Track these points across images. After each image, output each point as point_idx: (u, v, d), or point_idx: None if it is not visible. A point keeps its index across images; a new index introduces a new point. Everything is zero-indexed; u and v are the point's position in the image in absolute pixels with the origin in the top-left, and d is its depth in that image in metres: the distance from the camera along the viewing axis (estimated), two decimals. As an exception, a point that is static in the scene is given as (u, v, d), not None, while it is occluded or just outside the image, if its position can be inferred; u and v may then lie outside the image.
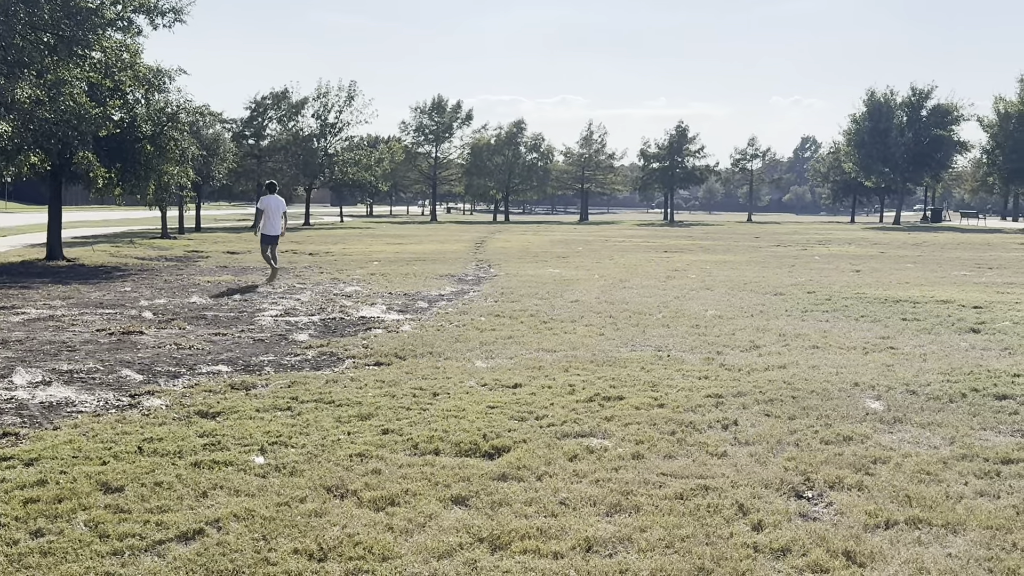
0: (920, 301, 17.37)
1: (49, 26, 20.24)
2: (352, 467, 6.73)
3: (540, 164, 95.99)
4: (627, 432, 7.73)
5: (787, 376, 10.14)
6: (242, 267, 25.56)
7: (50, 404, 8.70)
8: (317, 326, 14.16)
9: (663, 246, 39.58)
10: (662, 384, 9.71)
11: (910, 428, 7.96)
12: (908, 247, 39.80)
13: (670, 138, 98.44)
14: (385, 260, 28.68)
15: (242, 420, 8.03)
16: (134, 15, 24.15)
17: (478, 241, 42.74)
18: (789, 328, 13.97)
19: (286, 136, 64.82)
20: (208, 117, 46.35)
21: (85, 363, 10.73)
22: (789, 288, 20.14)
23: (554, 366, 10.75)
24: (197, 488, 6.22)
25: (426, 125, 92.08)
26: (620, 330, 13.72)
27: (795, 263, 28.77)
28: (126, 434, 7.54)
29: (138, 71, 25.13)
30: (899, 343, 12.58)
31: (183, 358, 11.23)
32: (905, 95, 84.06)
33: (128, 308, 15.98)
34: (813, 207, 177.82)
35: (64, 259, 26.49)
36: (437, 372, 10.35)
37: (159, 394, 9.14)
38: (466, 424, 7.92)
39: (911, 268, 26.92)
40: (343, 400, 8.83)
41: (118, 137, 25.70)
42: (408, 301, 17.54)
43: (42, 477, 6.38)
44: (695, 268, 26.23)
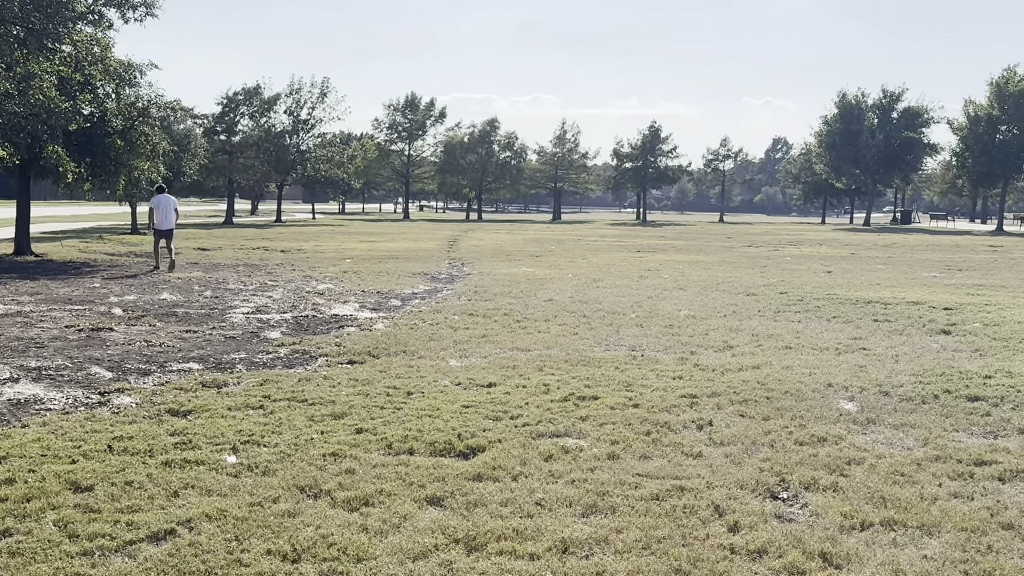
0: (891, 302, 17.47)
1: (19, 19, 20.01)
2: (326, 467, 6.67)
3: (513, 163, 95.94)
4: (602, 432, 7.71)
5: (761, 377, 10.16)
6: (213, 263, 25.36)
7: (18, 401, 8.58)
8: (289, 324, 14.07)
9: (636, 246, 39.66)
10: (636, 384, 9.70)
11: (884, 429, 7.99)
12: (878, 248, 40.08)
13: (643, 138, 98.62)
14: (358, 258, 28.55)
15: (214, 419, 7.94)
16: (105, 8, 23.93)
17: (451, 239, 42.66)
18: (762, 328, 14.01)
19: (258, 132, 64.36)
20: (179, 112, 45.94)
21: (54, 360, 10.60)
22: (761, 288, 20.21)
23: (528, 365, 10.72)
24: (168, 488, 6.14)
25: (399, 122, 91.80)
26: (594, 329, 13.71)
27: (767, 263, 28.90)
28: (96, 432, 7.44)
29: (109, 65, 24.90)
30: (871, 344, 12.64)
31: (153, 355, 11.11)
32: (876, 97, 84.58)
33: (97, 304, 15.81)
34: (784, 208, 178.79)
35: (32, 254, 26.19)
36: (411, 371, 10.29)
37: (129, 392, 9.03)
38: (440, 424, 7.87)
39: (882, 269, 27.09)
40: (316, 399, 8.76)
41: (88, 131, 25.45)
42: (381, 299, 17.46)
43: (10, 476, 6.28)
44: (668, 268, 26.29)
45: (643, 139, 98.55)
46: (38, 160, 25.49)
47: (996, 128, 71.57)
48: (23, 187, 27.34)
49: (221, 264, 25.29)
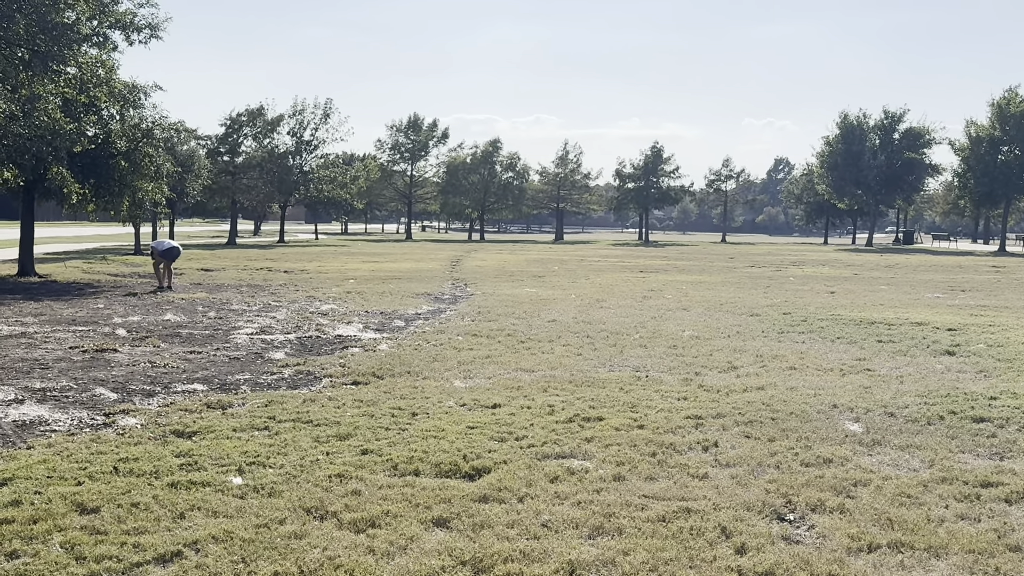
0: (895, 323, 17.47)
1: (24, 41, 20.11)
2: (332, 488, 6.66)
3: (516, 183, 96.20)
4: (608, 453, 7.70)
5: (766, 397, 10.15)
6: (216, 284, 25.39)
7: (23, 423, 8.59)
8: (293, 344, 14.08)
9: (639, 266, 39.67)
10: (641, 405, 9.70)
11: (889, 451, 7.98)
12: (881, 269, 40.07)
13: (645, 158, 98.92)
14: (361, 278, 28.57)
15: (219, 440, 7.94)
16: (110, 31, 24.08)
17: (454, 260, 42.69)
18: (766, 349, 14.01)
19: (261, 153, 64.49)
20: (183, 133, 46.15)
21: (58, 381, 10.60)
22: (765, 309, 20.21)
23: (533, 386, 10.72)
24: (174, 509, 6.14)
25: (402, 143, 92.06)
26: (598, 350, 13.71)
27: (770, 284, 28.90)
28: (101, 454, 7.44)
29: (113, 87, 25.01)
30: (875, 365, 12.63)
31: (158, 376, 11.12)
32: (878, 118, 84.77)
33: (101, 325, 15.83)
34: (786, 228, 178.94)
35: (36, 275, 26.23)
36: (416, 392, 10.29)
37: (134, 413, 9.04)
38: (446, 445, 7.87)
39: (885, 290, 27.09)
40: (321, 420, 8.77)
41: (92, 153, 25.56)
42: (385, 320, 17.47)
43: (16, 498, 6.28)
44: (671, 288, 26.29)
45: (645, 159, 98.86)
46: (42, 181, 25.58)
47: (998, 149, 71.75)
48: (27, 208, 27.42)
49: (225, 285, 25.31)
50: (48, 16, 20.14)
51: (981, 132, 72.19)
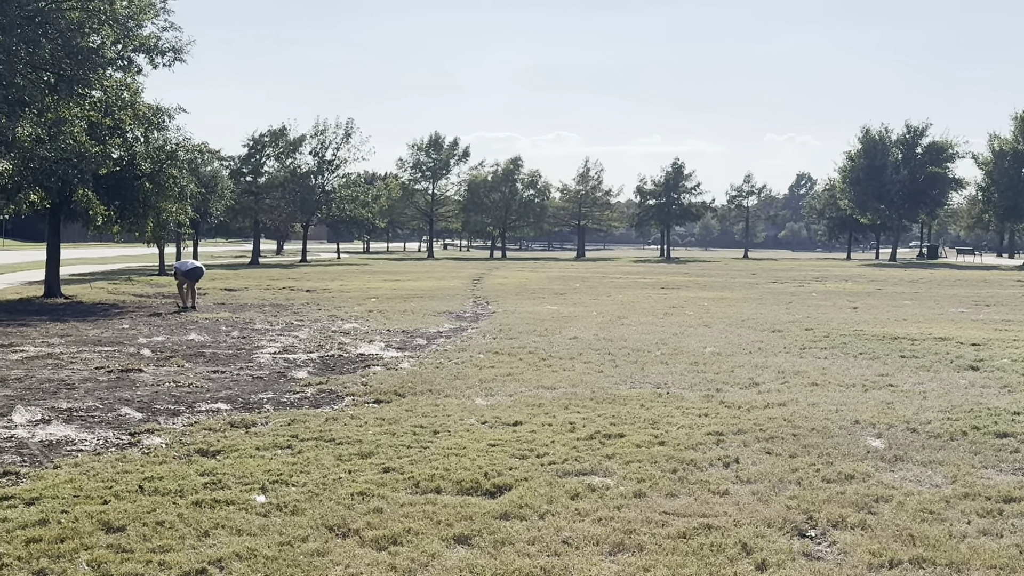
0: (918, 338, 17.39)
1: (50, 65, 20.37)
2: (354, 506, 6.71)
3: (537, 201, 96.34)
4: (629, 470, 7.72)
5: (787, 414, 10.14)
6: (240, 304, 25.56)
7: (50, 443, 8.68)
8: (316, 363, 14.16)
9: (660, 282, 39.64)
10: (662, 422, 9.71)
11: (912, 466, 7.96)
12: (905, 284, 39.88)
13: (666, 175, 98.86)
14: (383, 297, 28.69)
15: (242, 458, 8.01)
16: (134, 54, 24.36)
17: (475, 278, 42.77)
18: (788, 365, 13.98)
19: (284, 173, 64.94)
20: (206, 155, 46.50)
21: (84, 401, 10.72)
22: (787, 325, 20.17)
23: (554, 403, 10.75)
24: (199, 527, 6.21)
25: (423, 162, 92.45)
26: (619, 367, 13.72)
27: (792, 300, 28.82)
28: (127, 473, 7.52)
29: (138, 110, 25.29)
30: (898, 381, 12.59)
31: (182, 396, 11.22)
32: (900, 133, 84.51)
33: (127, 346, 15.97)
34: (809, 243, 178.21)
35: (62, 296, 26.48)
36: (437, 410, 10.34)
37: (159, 432, 9.13)
38: (467, 462, 7.91)
39: (908, 305, 26.97)
40: (343, 438, 8.82)
41: (117, 175, 25.81)
42: (407, 338, 17.55)
43: (43, 517, 6.36)
44: (693, 305, 26.27)
45: (666, 176, 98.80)
46: (68, 203, 25.85)
47: (1022, 162, 71.30)
48: (53, 230, 27.71)
49: (248, 304, 25.48)
50: (73, 40, 20.40)
51: (1005, 146, 71.82)
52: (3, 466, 7.75)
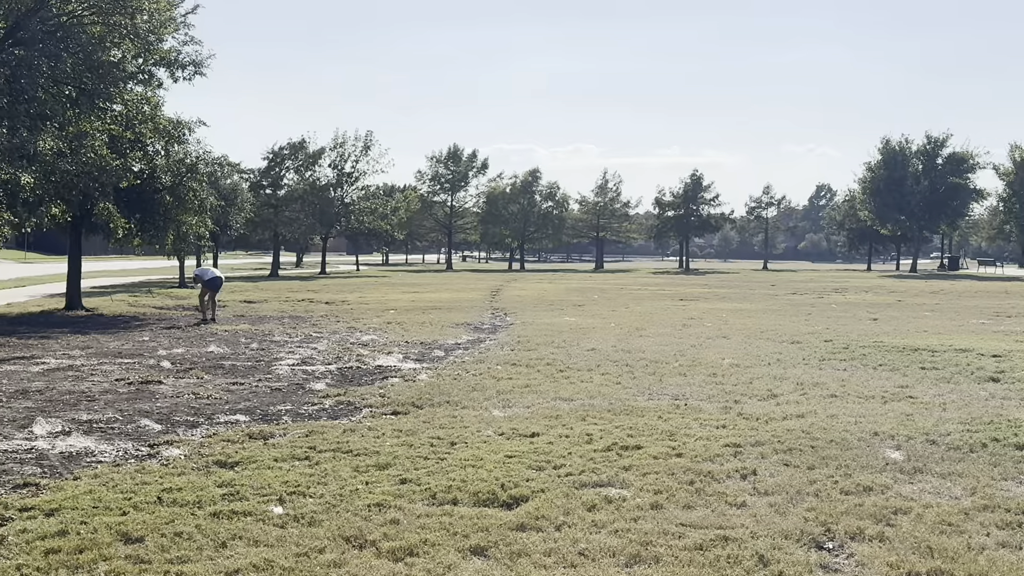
0: (939, 350, 17.29)
1: (71, 79, 20.57)
2: (370, 517, 6.73)
3: (555, 212, 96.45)
4: (645, 482, 7.71)
5: (805, 425, 10.11)
6: (259, 316, 25.67)
7: (70, 454, 8.75)
8: (334, 375, 14.21)
9: (679, 294, 39.57)
10: (680, 433, 9.69)
11: (930, 478, 7.92)
12: (925, 295, 39.67)
13: (685, 186, 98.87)
14: (401, 309, 28.75)
15: (260, 470, 8.05)
16: (155, 68, 24.57)
17: (494, 289, 42.80)
18: (807, 377, 13.93)
19: (303, 186, 65.19)
20: (226, 167, 46.82)
21: (104, 413, 10.79)
22: (806, 336, 20.10)
23: (571, 415, 10.75)
24: (217, 538, 6.24)
25: (442, 174, 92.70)
26: (637, 379, 13.71)
27: (812, 311, 28.72)
28: (145, 484, 7.56)
29: (158, 123, 25.50)
30: (918, 392, 12.53)
31: (201, 408, 11.28)
32: (920, 143, 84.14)
33: (146, 358, 16.07)
34: (829, 255, 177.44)
35: (83, 309, 26.66)
36: (454, 421, 10.36)
37: (178, 444, 9.18)
38: (484, 473, 7.91)
39: (929, 316, 26.83)
40: (361, 449, 8.85)
41: (138, 188, 26.02)
42: (425, 350, 17.58)
43: (63, 527, 6.41)
44: (711, 316, 26.21)
45: (685, 187, 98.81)
46: (89, 216, 26.06)
47: (1043, 173, 70.86)
48: (75, 243, 27.93)
49: (267, 316, 25.58)
50: (95, 55, 20.59)
51: (1026, 156, 71.43)
52: (24, 477, 7.81)
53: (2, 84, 16.97)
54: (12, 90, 17.56)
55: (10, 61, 17.68)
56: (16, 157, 17.82)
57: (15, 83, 17.64)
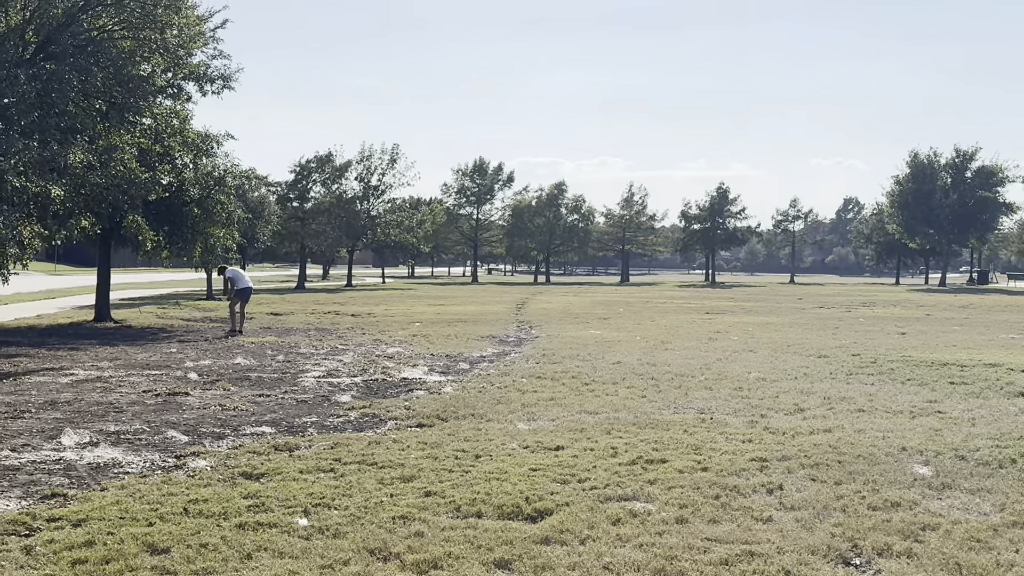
0: (968, 364, 17.15)
1: (101, 93, 20.77)
2: (395, 529, 6.74)
3: (581, 225, 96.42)
4: (671, 496, 7.68)
5: (833, 440, 10.04)
6: (285, 328, 25.77)
7: (98, 465, 8.81)
8: (359, 387, 14.24)
9: (705, 307, 39.43)
10: (705, 447, 9.65)
11: (959, 494, 7.84)
12: (954, 309, 39.34)
13: (711, 199, 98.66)
14: (427, 321, 28.79)
15: (286, 481, 8.07)
16: (184, 82, 24.77)
17: (519, 302, 42.80)
18: (834, 391, 13.84)
19: (330, 198, 65.48)
20: (254, 180, 47.05)
21: (132, 424, 10.86)
22: (833, 350, 19.98)
23: (596, 428, 10.72)
24: (242, 550, 6.26)
25: (468, 187, 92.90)
26: (662, 392, 13.66)
27: (839, 325, 28.54)
28: (172, 495, 7.60)
29: (187, 136, 25.71)
30: (947, 407, 12.42)
31: (228, 419, 11.33)
32: (949, 156, 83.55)
33: (174, 369, 16.17)
34: (857, 268, 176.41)
35: (112, 321, 26.86)
36: (479, 434, 10.35)
37: (204, 455, 9.22)
38: (508, 487, 7.91)
39: (958, 331, 26.60)
40: (386, 462, 8.86)
41: (166, 201, 26.23)
42: (450, 362, 17.60)
43: (90, 538, 6.45)
44: (737, 330, 26.10)
45: (711, 200, 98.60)
46: (118, 229, 26.28)
47: (1074, 186, 70.22)
48: (104, 255, 28.16)
49: (293, 328, 25.69)
50: (125, 69, 20.78)
51: (1056, 169, 70.78)
52: (52, 487, 7.87)
53: (33, 98, 17.17)
54: (43, 104, 17.76)
55: (41, 75, 17.88)
56: (47, 170, 18.00)
57: (46, 97, 17.83)
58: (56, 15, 19.51)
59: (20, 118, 17.22)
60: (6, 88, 17.06)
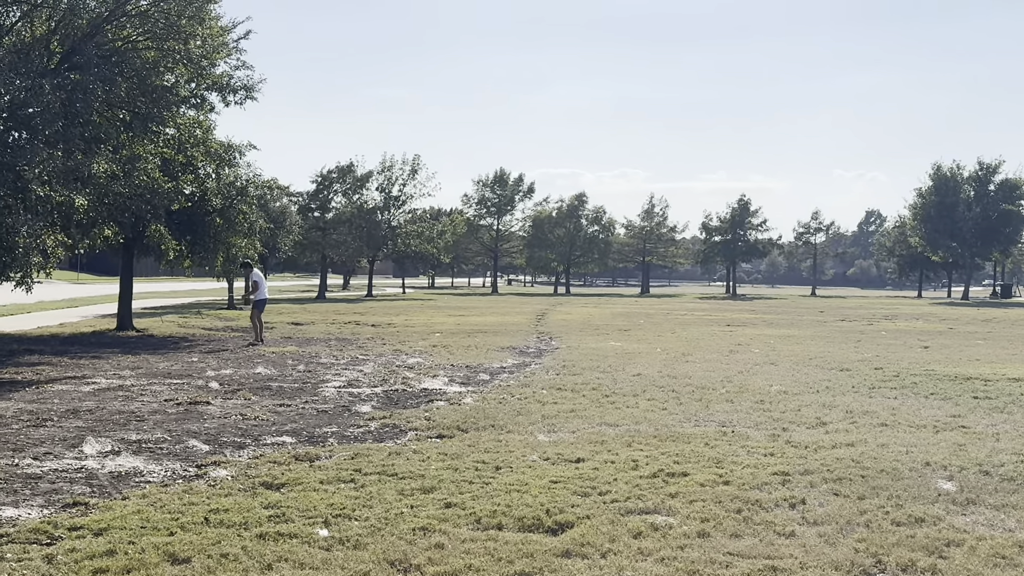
0: (992, 379, 17.00)
1: (125, 103, 20.89)
2: (415, 541, 6.72)
3: (601, 237, 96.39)
4: (692, 509, 7.63)
5: (855, 454, 9.96)
6: (306, 338, 25.83)
7: (119, 474, 8.83)
8: (380, 398, 14.25)
9: (726, 319, 39.28)
10: (727, 461, 9.59)
11: (984, 510, 7.76)
12: (978, 323, 39.05)
13: (732, 211, 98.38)
14: (447, 332, 28.81)
15: (306, 492, 8.07)
16: (207, 92, 24.87)
17: (539, 313, 42.77)
18: (856, 405, 13.75)
19: (351, 209, 65.68)
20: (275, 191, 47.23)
21: (153, 433, 10.89)
22: (855, 364, 19.85)
23: (617, 441, 10.68)
24: (262, 560, 6.25)
25: (488, 198, 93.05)
26: (683, 405, 13.60)
27: (861, 338, 28.37)
28: (193, 505, 7.61)
29: (210, 147, 25.84)
30: (971, 422, 12.31)
31: (248, 429, 11.35)
32: (972, 170, 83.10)
33: (195, 378, 16.22)
34: (879, 281, 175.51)
35: (134, 329, 26.98)
36: (499, 445, 10.33)
37: (225, 465, 9.23)
38: (529, 499, 7.88)
39: (981, 345, 26.39)
40: (406, 473, 8.85)
41: (189, 210, 26.37)
42: (470, 373, 17.58)
43: (111, 547, 6.46)
44: (759, 342, 25.98)
45: (732, 212, 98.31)
46: (141, 238, 26.43)
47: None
48: (127, 265, 28.31)
49: (314, 338, 25.74)
50: (149, 79, 20.90)
51: (1080, 182, 70.26)
52: (74, 496, 7.90)
53: (58, 108, 17.27)
54: (67, 114, 17.86)
55: (66, 85, 17.99)
56: (71, 180, 18.10)
57: (70, 107, 17.94)
58: (81, 26, 19.65)
59: (45, 128, 17.32)
60: (31, 98, 17.18)
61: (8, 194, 16.56)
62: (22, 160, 16.69)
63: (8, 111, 17.32)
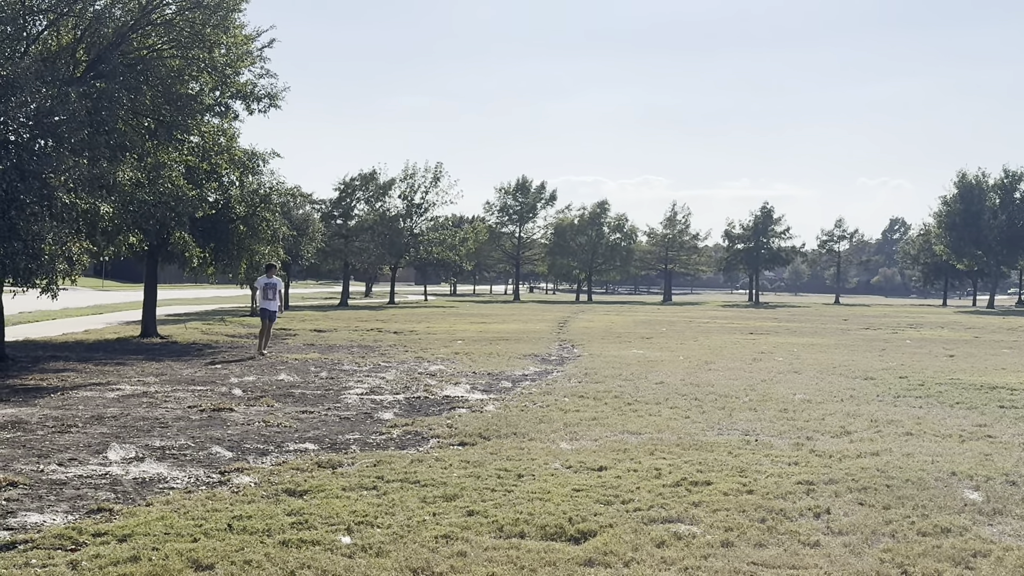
0: (1018, 388, 16.85)
1: (150, 111, 21.03)
2: (437, 548, 6.71)
3: (623, 244, 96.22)
4: (716, 518, 7.59)
5: (880, 464, 9.88)
6: (328, 345, 25.90)
7: (143, 480, 8.87)
8: (402, 405, 14.25)
9: (749, 327, 39.11)
10: (750, 469, 9.54)
11: (1011, 520, 7.68)
12: (1003, 332, 38.72)
13: (755, 219, 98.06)
14: (469, 339, 28.81)
15: (329, 499, 8.08)
16: (231, 101, 24.99)
17: (561, 321, 42.72)
18: (881, 414, 13.65)
19: (373, 216, 65.92)
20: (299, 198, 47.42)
21: (177, 440, 10.94)
22: (880, 372, 19.71)
23: (639, 449, 10.64)
24: (285, 567, 6.26)
25: (510, 205, 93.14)
26: (706, 413, 13.54)
27: (885, 347, 28.17)
28: (216, 511, 7.63)
29: (234, 154, 25.96)
30: (997, 431, 12.19)
31: (271, 436, 11.38)
32: (998, 177, 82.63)
33: (218, 385, 16.28)
34: (903, 289, 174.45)
35: (158, 336, 27.15)
36: (521, 453, 10.31)
37: (248, 471, 9.25)
38: (551, 507, 7.86)
39: (1007, 354, 26.16)
40: (428, 480, 8.84)
41: (213, 218, 26.53)
42: (492, 381, 17.57)
43: (135, 554, 6.48)
44: (782, 350, 25.84)
45: (755, 220, 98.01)
46: (166, 246, 26.59)
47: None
48: (151, 272, 28.49)
49: (336, 345, 25.80)
50: (173, 88, 21.05)
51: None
52: (98, 502, 7.93)
53: (83, 116, 17.40)
54: (93, 122, 17.98)
55: (91, 93, 18.13)
56: (96, 187, 18.23)
57: (96, 115, 18.07)
58: (106, 34, 19.81)
59: (70, 136, 17.45)
60: (57, 106, 17.31)
61: (34, 201, 16.69)
62: (48, 168, 16.82)
63: (34, 119, 17.45)
